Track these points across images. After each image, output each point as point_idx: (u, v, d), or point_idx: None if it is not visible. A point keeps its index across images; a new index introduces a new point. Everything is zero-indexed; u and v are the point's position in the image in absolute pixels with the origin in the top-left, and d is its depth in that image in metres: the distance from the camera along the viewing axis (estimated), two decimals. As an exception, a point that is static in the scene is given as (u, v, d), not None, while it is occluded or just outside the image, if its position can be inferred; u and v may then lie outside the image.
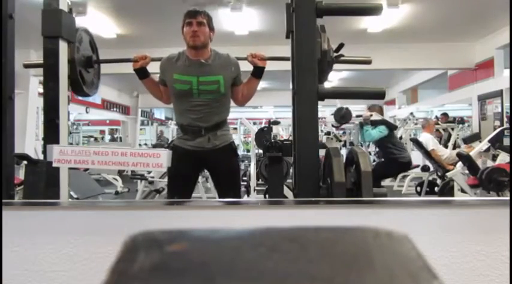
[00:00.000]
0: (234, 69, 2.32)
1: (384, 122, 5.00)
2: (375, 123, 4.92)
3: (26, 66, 2.17)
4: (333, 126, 5.14)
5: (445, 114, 8.45)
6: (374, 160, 5.26)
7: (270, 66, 2.32)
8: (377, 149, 5.21)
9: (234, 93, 2.38)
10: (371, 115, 4.97)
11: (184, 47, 2.32)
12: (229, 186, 2.40)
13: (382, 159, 5.18)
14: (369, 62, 2.05)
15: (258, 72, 2.32)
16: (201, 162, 2.41)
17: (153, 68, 2.39)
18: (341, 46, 1.75)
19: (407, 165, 5.24)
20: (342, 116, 4.32)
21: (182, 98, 2.30)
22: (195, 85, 2.24)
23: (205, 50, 2.28)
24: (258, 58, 2.26)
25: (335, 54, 1.69)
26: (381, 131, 4.89)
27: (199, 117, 2.29)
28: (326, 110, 5.75)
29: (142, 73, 2.32)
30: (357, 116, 5.17)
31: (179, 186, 2.35)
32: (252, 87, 2.39)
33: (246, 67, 2.36)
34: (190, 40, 2.23)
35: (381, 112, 5.26)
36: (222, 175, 2.43)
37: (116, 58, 2.44)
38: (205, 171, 3.77)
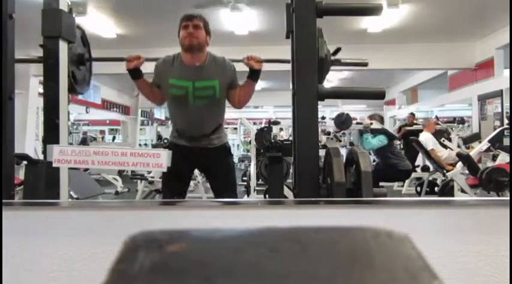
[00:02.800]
0: (230, 73, 2.32)
1: (383, 132, 5.00)
2: (374, 132, 4.92)
3: (18, 61, 2.16)
4: (333, 131, 5.16)
5: (412, 114, 8.32)
6: (374, 160, 5.25)
7: (269, 66, 2.32)
8: (376, 158, 5.21)
9: (231, 97, 2.37)
10: (371, 123, 4.98)
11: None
12: (225, 185, 2.41)
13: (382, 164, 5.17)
14: (365, 64, 2.05)
15: (254, 75, 2.31)
16: (196, 160, 2.42)
17: (151, 69, 2.39)
18: (338, 50, 1.75)
19: (408, 173, 5.24)
20: (342, 122, 4.31)
21: (178, 102, 2.31)
22: (191, 90, 2.24)
23: (201, 53, 2.27)
24: (254, 60, 2.25)
25: (332, 57, 1.69)
26: (380, 140, 4.89)
27: (195, 122, 2.30)
28: (326, 110, 5.75)
29: (135, 73, 2.30)
30: (357, 123, 5.18)
31: (174, 184, 2.36)
32: (249, 90, 2.39)
33: (244, 68, 2.36)
34: (186, 41, 2.22)
35: (381, 121, 5.28)
36: (218, 174, 2.44)
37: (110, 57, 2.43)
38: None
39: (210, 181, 2.67)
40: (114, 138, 13.51)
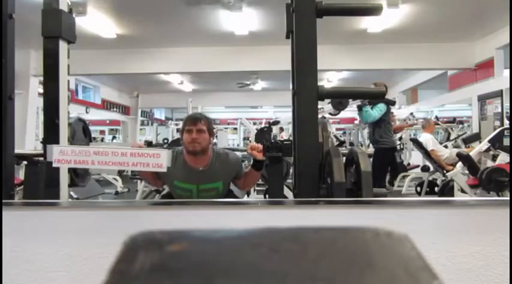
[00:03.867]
0: (234, 168, 2.39)
1: (381, 100, 4.96)
2: (373, 103, 4.88)
3: None
4: (330, 114, 5.11)
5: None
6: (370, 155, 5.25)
7: (269, 66, 2.33)
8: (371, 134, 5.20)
9: (236, 184, 2.47)
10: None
11: (182, 49, 2.32)
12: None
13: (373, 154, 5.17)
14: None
15: (258, 165, 2.37)
16: None
17: (151, 69, 2.39)
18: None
19: (392, 151, 5.27)
20: (340, 102, 4.29)
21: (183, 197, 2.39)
22: (195, 192, 2.31)
23: (205, 155, 2.31)
24: (256, 151, 2.30)
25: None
26: (380, 109, 4.86)
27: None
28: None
29: None
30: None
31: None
32: (253, 178, 2.47)
33: (245, 68, 2.36)
34: (190, 146, 2.26)
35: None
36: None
37: (116, 59, 2.45)
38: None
39: None
40: (113, 138, 13.51)
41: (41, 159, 1.97)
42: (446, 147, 5.88)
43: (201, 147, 2.26)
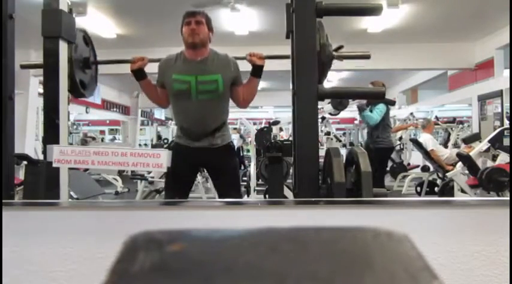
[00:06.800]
0: (233, 69, 2.32)
1: (380, 101, 4.93)
2: (371, 103, 4.85)
3: (23, 66, 2.15)
4: (330, 114, 5.09)
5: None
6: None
7: (269, 66, 2.32)
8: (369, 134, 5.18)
9: (234, 95, 2.38)
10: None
11: (183, 47, 2.32)
12: (229, 185, 2.41)
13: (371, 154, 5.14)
14: (367, 57, 2.04)
15: (257, 71, 2.32)
16: (200, 160, 2.42)
17: (152, 69, 2.39)
18: (340, 47, 1.75)
19: (390, 151, 5.25)
20: (340, 102, 4.26)
21: (181, 99, 2.30)
22: (194, 84, 2.24)
23: (204, 49, 2.28)
24: (256, 57, 2.26)
25: (334, 53, 1.69)
26: (381, 110, 4.85)
27: (198, 118, 2.29)
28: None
29: (139, 74, 2.32)
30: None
31: (177, 185, 2.36)
32: (253, 87, 2.39)
33: (246, 67, 2.36)
34: (189, 38, 2.23)
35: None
36: (222, 174, 2.43)
37: (114, 58, 2.44)
38: (205, 171, 3.78)
39: (213, 181, 2.66)
40: (114, 139, 13.51)
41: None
42: (446, 147, 5.88)
43: (200, 38, 2.23)
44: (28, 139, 6.07)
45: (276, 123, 5.49)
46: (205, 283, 0.26)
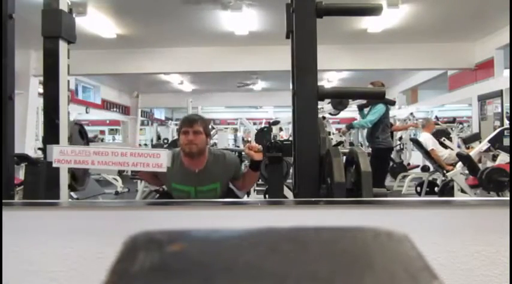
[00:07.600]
0: (231, 169, 2.38)
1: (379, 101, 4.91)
2: (370, 103, 4.83)
3: None
4: (330, 114, 5.08)
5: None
6: (368, 154, 5.21)
7: (269, 66, 2.33)
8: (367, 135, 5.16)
9: (234, 184, 2.46)
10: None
11: (183, 48, 2.32)
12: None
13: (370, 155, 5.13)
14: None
15: (255, 165, 2.37)
16: None
17: (151, 69, 2.39)
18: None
19: (388, 152, 5.23)
20: (340, 102, 4.24)
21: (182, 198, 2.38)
22: (193, 194, 2.31)
23: (202, 157, 2.31)
24: (253, 150, 2.29)
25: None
26: (379, 111, 4.83)
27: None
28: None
29: None
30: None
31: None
32: (252, 178, 2.46)
33: (245, 68, 2.35)
34: (186, 148, 2.26)
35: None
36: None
37: (116, 59, 2.45)
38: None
39: None
40: (113, 139, 13.51)
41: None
42: (446, 147, 5.88)
43: (198, 148, 2.25)
44: (28, 139, 6.07)
45: (276, 123, 5.48)
46: (205, 283, 0.26)
